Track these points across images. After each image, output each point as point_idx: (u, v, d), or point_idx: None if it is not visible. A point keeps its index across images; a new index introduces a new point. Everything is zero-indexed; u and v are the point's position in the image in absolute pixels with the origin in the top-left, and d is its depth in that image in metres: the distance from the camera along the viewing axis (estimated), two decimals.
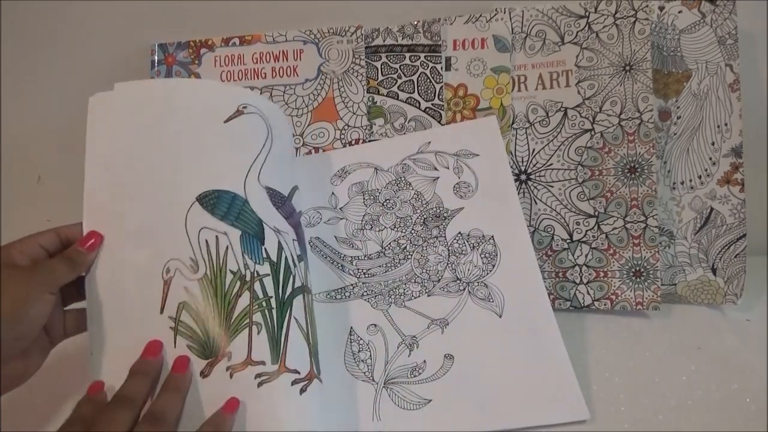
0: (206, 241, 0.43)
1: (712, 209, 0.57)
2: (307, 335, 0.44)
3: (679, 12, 0.58)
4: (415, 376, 0.47)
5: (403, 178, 0.56)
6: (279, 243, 0.45)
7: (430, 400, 0.46)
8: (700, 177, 0.58)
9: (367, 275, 0.52)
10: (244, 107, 0.48)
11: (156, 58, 0.64)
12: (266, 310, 0.42)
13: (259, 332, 0.41)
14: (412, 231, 0.54)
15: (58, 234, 0.43)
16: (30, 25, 0.66)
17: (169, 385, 0.39)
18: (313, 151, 0.61)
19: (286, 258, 0.45)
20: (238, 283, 0.42)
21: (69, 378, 0.49)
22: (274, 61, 0.62)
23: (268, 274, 0.43)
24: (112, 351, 0.41)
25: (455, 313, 0.50)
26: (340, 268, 0.53)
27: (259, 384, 0.40)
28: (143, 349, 0.41)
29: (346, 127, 0.61)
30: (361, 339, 0.49)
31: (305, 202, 0.55)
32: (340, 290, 0.52)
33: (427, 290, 0.51)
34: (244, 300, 0.42)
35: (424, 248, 0.53)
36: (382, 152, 0.58)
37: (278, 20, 0.64)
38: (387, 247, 0.53)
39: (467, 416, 0.45)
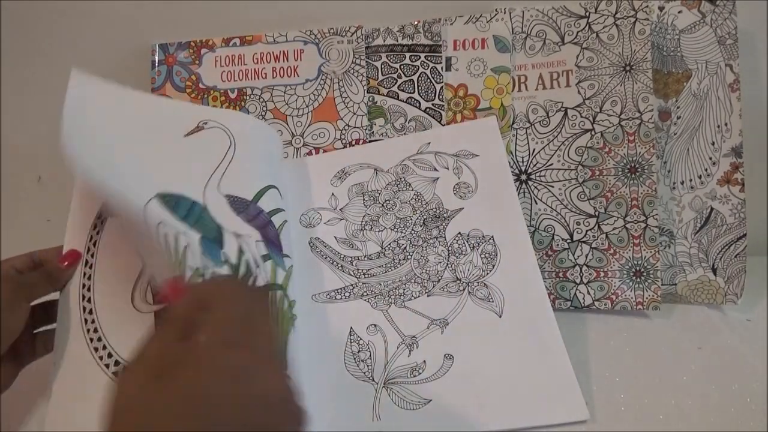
0: (165, 235, 0.43)
1: (712, 209, 0.57)
2: None
3: (679, 12, 0.58)
4: (414, 376, 0.47)
5: (402, 179, 0.56)
6: (239, 246, 0.45)
7: (430, 400, 0.45)
8: (700, 177, 0.58)
9: (367, 275, 0.52)
10: (205, 123, 0.50)
11: (156, 58, 0.64)
12: None
13: None
14: (412, 231, 0.54)
15: (32, 257, 0.45)
16: (30, 25, 0.66)
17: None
18: (313, 151, 0.61)
19: (247, 261, 0.45)
20: (200, 280, 0.42)
21: None
22: (275, 62, 0.62)
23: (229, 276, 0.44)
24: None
25: (455, 313, 0.50)
26: (340, 268, 0.53)
27: None
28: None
29: (346, 127, 0.61)
30: (360, 339, 0.49)
31: (301, 202, 0.56)
32: (339, 290, 0.52)
33: (426, 290, 0.51)
34: None
35: (424, 249, 0.53)
36: (382, 153, 0.58)
37: (279, 20, 0.64)
38: (387, 248, 0.53)
39: (467, 416, 0.44)
